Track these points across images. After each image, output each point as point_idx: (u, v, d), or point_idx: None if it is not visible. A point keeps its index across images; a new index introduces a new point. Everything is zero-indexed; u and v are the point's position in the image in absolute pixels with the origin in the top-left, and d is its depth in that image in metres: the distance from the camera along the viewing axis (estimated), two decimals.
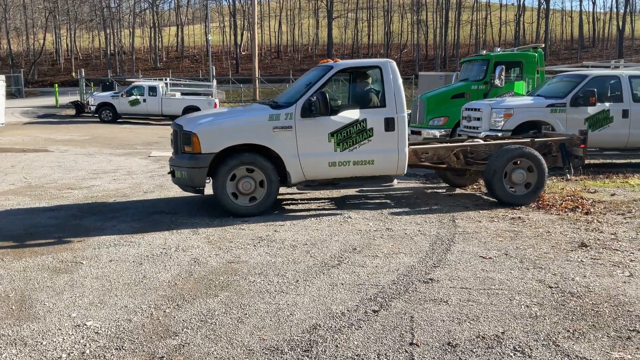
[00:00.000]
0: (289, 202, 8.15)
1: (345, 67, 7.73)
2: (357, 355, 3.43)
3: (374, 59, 8.66)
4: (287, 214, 7.34)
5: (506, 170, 7.77)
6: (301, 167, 7.24)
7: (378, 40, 78.26)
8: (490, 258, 5.36)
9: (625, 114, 10.85)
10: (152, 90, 26.33)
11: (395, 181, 7.81)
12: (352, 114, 7.34)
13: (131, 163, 12.38)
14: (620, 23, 66.31)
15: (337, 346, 3.54)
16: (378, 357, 3.40)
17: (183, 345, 3.56)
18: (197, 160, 6.98)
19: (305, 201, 8.20)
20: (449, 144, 8.73)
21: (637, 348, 3.50)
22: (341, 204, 8.05)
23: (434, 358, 3.39)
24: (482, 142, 8.79)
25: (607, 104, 10.80)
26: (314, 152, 7.24)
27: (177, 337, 3.68)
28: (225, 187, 7.06)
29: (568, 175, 8.68)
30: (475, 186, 9.34)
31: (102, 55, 72.42)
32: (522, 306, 4.17)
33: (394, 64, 7.69)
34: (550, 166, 8.19)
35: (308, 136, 7.20)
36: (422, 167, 8.71)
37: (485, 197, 8.47)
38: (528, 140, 8.50)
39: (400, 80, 7.59)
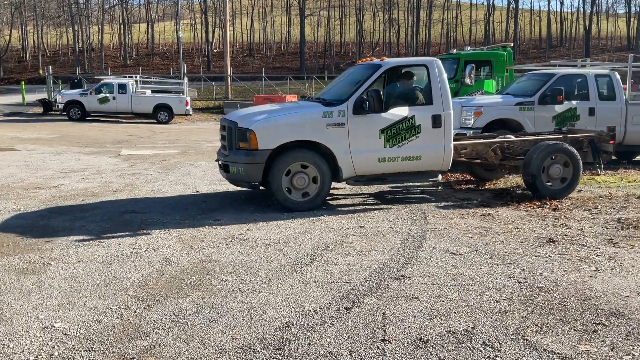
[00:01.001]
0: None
1: (393, 65, 7.88)
2: (329, 353, 3.44)
3: (421, 58, 9.09)
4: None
5: (544, 165, 8.03)
6: (352, 162, 7.40)
7: (350, 39, 78.51)
8: (460, 254, 5.42)
9: (591, 111, 11.10)
10: (122, 87, 25.98)
11: (440, 176, 8.03)
12: (401, 111, 7.51)
13: (100, 162, 12.19)
14: (587, 23, 67.80)
15: (309, 344, 3.55)
16: (350, 354, 3.42)
17: (154, 346, 3.52)
18: (254, 157, 7.14)
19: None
20: (486, 140, 8.97)
21: (603, 341, 3.59)
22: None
23: (405, 354, 3.42)
24: (513, 137, 9.09)
25: (574, 102, 11.04)
26: (365, 148, 7.41)
27: (147, 338, 3.63)
28: (281, 183, 7.22)
29: (599, 170, 9.04)
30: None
31: (70, 52, 71.11)
32: (492, 301, 4.23)
33: (440, 62, 7.85)
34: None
35: (359, 133, 7.38)
36: (459, 163, 8.90)
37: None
38: (560, 136, 8.80)
39: (446, 78, 7.80)
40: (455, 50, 15.39)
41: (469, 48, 15.93)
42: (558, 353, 3.42)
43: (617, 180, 9.79)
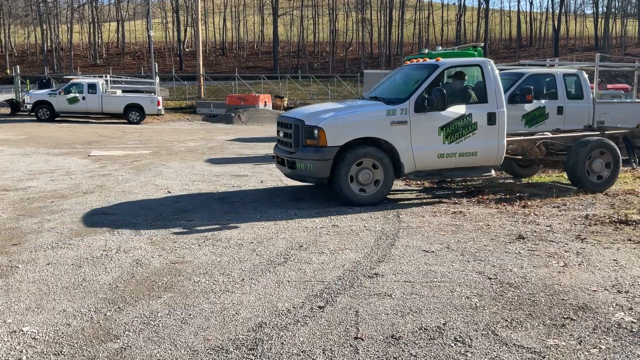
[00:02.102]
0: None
1: (450, 66, 8.22)
2: (302, 352, 3.44)
3: (475, 58, 9.71)
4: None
5: (587, 159, 8.40)
6: (414, 158, 7.71)
7: (324, 38, 78.59)
8: (432, 252, 5.48)
9: (560, 110, 11.30)
10: (92, 87, 25.60)
11: (493, 171, 8.29)
12: (459, 109, 7.83)
13: (70, 163, 11.98)
14: (556, 23, 69.08)
15: (282, 343, 3.55)
16: (323, 353, 3.43)
17: (125, 348, 3.48)
18: (323, 153, 7.41)
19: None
20: (531, 137, 9.26)
21: (571, 335, 3.66)
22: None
23: (378, 351, 3.44)
24: (550, 134, 9.40)
25: (542, 101, 11.22)
26: (426, 144, 7.73)
27: (118, 340, 3.59)
28: (348, 178, 7.49)
29: (634, 164, 9.44)
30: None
31: (39, 51, 69.77)
32: (463, 297, 4.28)
33: (492, 62, 8.20)
34: None
35: (420, 130, 7.68)
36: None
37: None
38: (598, 132, 9.16)
39: (499, 78, 8.11)
40: (426, 50, 15.52)
41: (440, 48, 16.07)
42: (527, 347, 3.47)
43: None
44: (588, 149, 8.44)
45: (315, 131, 7.41)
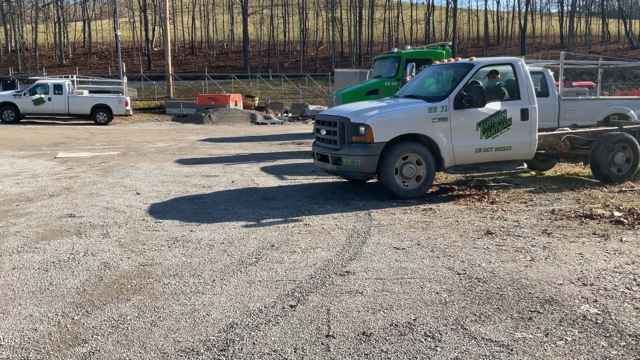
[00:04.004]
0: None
1: (485, 64, 8.55)
2: (274, 351, 3.43)
3: (507, 57, 9.98)
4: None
5: (610, 153, 8.77)
6: (454, 153, 8.05)
7: (294, 37, 78.49)
8: (403, 249, 5.52)
9: None
10: (58, 88, 25.15)
11: (525, 165, 8.61)
12: (494, 106, 8.20)
13: (36, 165, 11.74)
14: (522, 22, 70.26)
15: (254, 343, 3.53)
16: (295, 351, 3.43)
17: (93, 353, 3.43)
18: (370, 149, 7.71)
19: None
20: (556, 132, 9.60)
21: (538, 328, 3.73)
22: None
23: (349, 348, 3.45)
24: (570, 130, 9.72)
25: None
26: (465, 139, 8.07)
27: (86, 345, 3.53)
28: (394, 172, 7.80)
29: None
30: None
31: (3, 52, 68.08)
32: (433, 293, 4.33)
33: (523, 61, 8.55)
34: None
35: (460, 126, 8.02)
36: None
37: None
38: (616, 127, 9.52)
39: (530, 76, 8.42)
40: (396, 49, 15.64)
41: (409, 47, 16.22)
42: (496, 341, 3.53)
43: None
44: (611, 143, 8.81)
45: (362, 128, 7.69)
